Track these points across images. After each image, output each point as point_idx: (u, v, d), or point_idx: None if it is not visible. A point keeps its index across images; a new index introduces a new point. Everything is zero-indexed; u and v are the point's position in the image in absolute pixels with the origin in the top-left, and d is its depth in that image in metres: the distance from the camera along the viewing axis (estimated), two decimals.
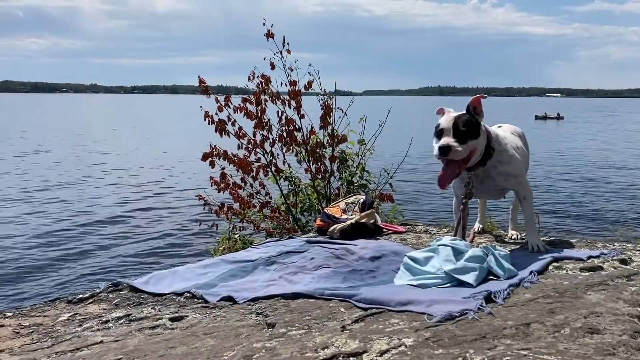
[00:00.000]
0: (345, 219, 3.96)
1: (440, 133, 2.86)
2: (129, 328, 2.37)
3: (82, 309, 2.99)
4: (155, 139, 33.53)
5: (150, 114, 77.93)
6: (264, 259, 3.47)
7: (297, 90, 6.05)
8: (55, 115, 71.54)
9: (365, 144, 6.21)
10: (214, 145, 5.91)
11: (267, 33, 5.99)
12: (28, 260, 8.30)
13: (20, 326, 2.73)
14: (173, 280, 3.28)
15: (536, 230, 3.17)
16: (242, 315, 2.31)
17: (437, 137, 2.87)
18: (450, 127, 2.84)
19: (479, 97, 2.98)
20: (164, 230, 10.32)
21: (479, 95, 2.99)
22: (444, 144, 2.80)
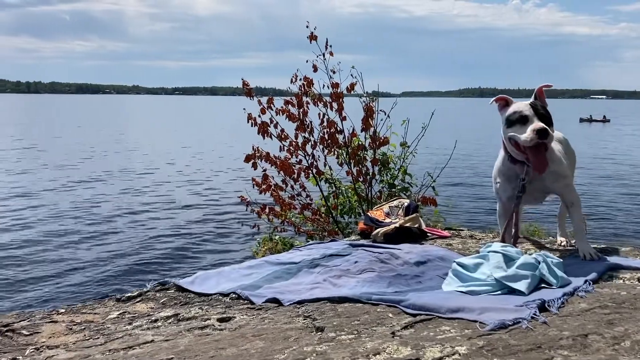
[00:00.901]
0: (389, 222, 3.93)
1: (523, 119, 2.77)
2: (178, 328, 2.40)
3: (130, 307, 3.05)
4: (198, 140, 33.99)
5: (191, 115, 79.11)
6: (308, 262, 3.46)
7: (339, 92, 6.04)
8: (99, 115, 73.40)
9: (408, 146, 6.16)
10: (257, 147, 5.95)
11: (310, 36, 6.01)
12: (76, 257, 8.53)
13: (73, 322, 2.80)
14: (219, 281, 3.31)
15: (586, 237, 3.07)
16: (289, 318, 2.32)
17: (520, 124, 2.78)
18: (533, 113, 2.76)
19: (544, 86, 2.91)
20: (206, 230, 10.46)
21: (545, 85, 2.92)
22: (541, 127, 2.70)
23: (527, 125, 2.74)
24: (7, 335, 2.59)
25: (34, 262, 8.35)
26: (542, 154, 2.77)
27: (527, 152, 2.78)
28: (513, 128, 2.82)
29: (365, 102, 6.03)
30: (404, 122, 6.11)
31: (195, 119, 66.92)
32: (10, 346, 2.44)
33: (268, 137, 5.96)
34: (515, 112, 2.81)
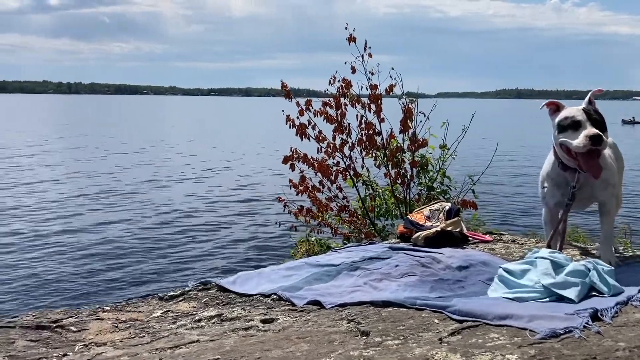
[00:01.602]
0: (430, 226, 3.89)
1: (576, 124, 2.71)
2: (222, 328, 2.42)
3: (173, 306, 3.09)
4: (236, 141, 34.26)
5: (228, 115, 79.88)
6: (348, 264, 3.45)
7: (377, 94, 6.01)
8: (138, 115, 74.82)
9: (448, 149, 6.09)
10: (295, 149, 5.97)
11: (350, 37, 6.00)
12: (117, 255, 8.70)
13: (118, 320, 2.85)
14: (259, 281, 3.32)
15: (612, 245, 2.98)
16: (333, 321, 2.31)
17: (572, 130, 2.72)
18: (586, 118, 2.70)
19: (597, 91, 2.85)
20: (243, 230, 10.54)
21: (597, 90, 2.85)
22: (595, 133, 2.64)
23: (579, 131, 2.68)
24: (56, 331, 2.65)
25: (77, 258, 8.56)
26: (595, 160, 2.69)
27: (579, 159, 2.71)
28: (565, 134, 2.75)
29: (404, 103, 5.98)
30: (444, 124, 6.04)
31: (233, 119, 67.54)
32: (59, 342, 2.51)
33: (306, 138, 5.97)
34: (567, 117, 2.75)
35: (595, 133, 2.63)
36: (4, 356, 2.26)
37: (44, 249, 9.11)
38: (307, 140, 6.04)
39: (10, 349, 2.37)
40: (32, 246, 9.30)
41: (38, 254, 8.81)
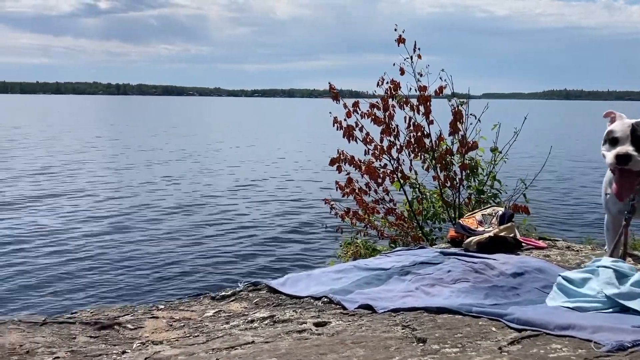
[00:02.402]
0: (482, 231, 3.81)
1: (614, 140, 2.66)
2: (275, 330, 2.43)
3: (225, 306, 3.12)
4: (282, 142, 34.47)
5: (273, 116, 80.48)
6: (398, 269, 3.42)
7: (426, 95, 5.94)
8: (185, 116, 76.22)
9: (500, 152, 5.96)
10: (342, 151, 5.96)
11: (399, 39, 5.95)
12: (167, 255, 8.87)
13: (172, 319, 2.90)
14: (309, 283, 3.33)
15: None
16: (387, 327, 2.28)
17: (609, 145, 2.67)
18: (627, 135, 2.62)
19: None
20: (289, 231, 10.59)
21: None
22: (623, 152, 2.60)
23: (615, 147, 2.65)
24: (114, 328, 2.72)
25: (129, 257, 8.76)
26: (624, 179, 2.66)
27: (615, 174, 2.68)
28: (605, 146, 2.73)
29: (455, 105, 5.89)
30: (495, 126, 5.92)
31: (276, 121, 68.00)
32: (117, 339, 2.57)
33: (353, 140, 5.96)
34: (611, 131, 2.72)
35: (622, 152, 2.60)
36: (66, 351, 2.33)
37: (97, 247, 9.38)
38: (354, 142, 6.02)
39: (72, 344, 2.44)
40: (85, 244, 9.58)
41: (92, 251, 9.08)
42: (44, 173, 18.61)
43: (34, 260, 8.49)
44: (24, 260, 8.49)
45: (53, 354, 2.30)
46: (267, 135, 40.68)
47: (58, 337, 2.55)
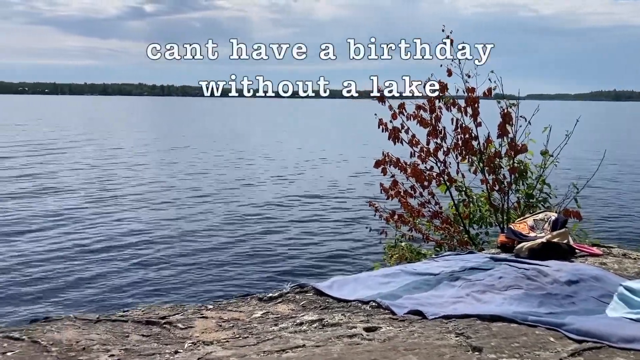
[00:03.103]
0: (534, 237, 3.71)
1: None
2: (325, 333, 2.41)
3: (272, 307, 3.12)
4: (323, 143, 34.45)
5: (313, 117, 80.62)
6: (447, 274, 3.36)
7: (474, 97, 5.83)
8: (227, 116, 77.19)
9: (551, 155, 5.80)
10: (387, 153, 5.91)
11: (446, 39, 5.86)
12: (212, 256, 8.97)
13: (222, 319, 2.92)
14: (356, 287, 3.30)
15: None
16: (440, 334, 2.24)
17: None
18: None
19: None
20: (333, 232, 10.57)
21: None
22: None
23: None
24: (164, 327, 2.76)
25: (178, 257, 8.89)
26: None
27: None
28: None
29: (504, 107, 5.75)
30: (546, 129, 5.75)
31: (317, 121, 68.02)
32: (169, 338, 2.60)
33: (399, 142, 5.89)
34: None
35: None
36: (120, 349, 2.38)
37: (145, 246, 9.56)
38: (399, 144, 5.96)
39: (126, 342, 2.49)
40: (134, 244, 9.78)
41: (140, 251, 9.26)
42: (99, 174, 19.06)
43: (86, 258, 8.73)
44: (77, 259, 8.74)
45: (108, 351, 2.35)
46: (309, 137, 40.67)
47: (112, 334, 2.60)
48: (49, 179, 18.02)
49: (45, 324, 2.73)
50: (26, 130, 42.84)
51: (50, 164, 21.90)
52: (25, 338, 2.50)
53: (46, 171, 19.75)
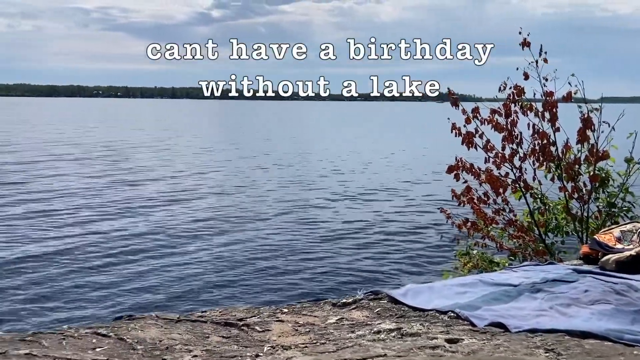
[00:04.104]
0: (622, 249, 3.51)
1: None
2: (405, 343, 2.37)
3: (346, 313, 3.10)
4: (391, 147, 34.08)
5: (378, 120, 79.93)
6: (528, 285, 3.24)
7: (553, 101, 5.61)
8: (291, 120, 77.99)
9: (637, 162, 5.49)
10: (460, 158, 5.77)
11: (523, 42, 5.67)
12: (283, 260, 9.01)
13: (297, 324, 2.93)
14: (431, 296, 3.24)
15: None
16: (528, 349, 2.15)
17: None
18: None
19: None
20: (403, 238, 10.40)
21: None
22: None
23: None
24: (242, 329, 2.79)
25: (248, 259, 9.01)
26: None
27: None
28: None
29: (584, 112, 5.50)
30: (631, 134, 5.45)
31: (383, 124, 67.35)
32: (247, 340, 2.63)
33: (473, 147, 5.74)
34: None
35: None
36: (201, 349, 2.42)
37: (215, 248, 9.74)
38: (473, 149, 5.81)
39: (206, 343, 2.53)
40: (204, 246, 9.98)
41: (212, 253, 9.45)
42: (172, 176, 19.57)
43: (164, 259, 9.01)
44: (153, 260, 9.04)
45: (190, 351, 2.39)
46: (375, 140, 40.18)
47: (193, 335, 2.66)
48: (133, 178, 18.70)
49: (129, 321, 2.82)
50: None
51: (137, 162, 22.70)
52: (112, 335, 2.59)
53: (141, 171, 20.43)
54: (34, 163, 22.83)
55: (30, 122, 59.89)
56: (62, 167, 21.85)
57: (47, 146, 30.59)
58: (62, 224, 11.62)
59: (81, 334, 2.60)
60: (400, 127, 60.86)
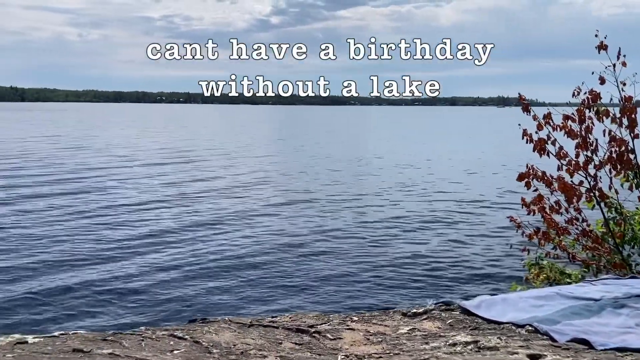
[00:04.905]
0: None
1: None
2: (484, 357, 2.30)
3: (418, 324, 3.05)
4: (455, 153, 33.37)
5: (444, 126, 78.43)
6: (610, 300, 3.08)
7: (632, 106, 5.33)
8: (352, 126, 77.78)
9: None
10: (531, 166, 5.58)
11: (600, 45, 5.43)
12: (351, 267, 8.91)
13: (368, 332, 2.89)
14: (505, 308, 3.14)
15: None
16: None
17: None
18: None
19: None
20: (469, 248, 10.09)
21: None
22: None
23: None
24: (314, 336, 2.78)
25: (318, 266, 8.95)
26: None
27: None
28: None
29: None
30: None
31: (447, 130, 65.89)
32: (319, 348, 2.61)
33: (545, 155, 5.53)
34: None
35: None
36: (275, 356, 2.42)
37: (286, 255, 9.74)
38: (545, 156, 5.60)
39: (280, 349, 2.54)
40: (274, 252, 10.01)
41: (280, 259, 9.48)
42: (247, 184, 19.65)
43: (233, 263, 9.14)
44: (221, 263, 9.19)
45: (264, 357, 2.40)
46: (441, 145, 39.16)
47: (266, 340, 2.67)
48: (208, 186, 18.97)
49: (204, 324, 2.87)
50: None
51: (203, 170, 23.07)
52: (188, 338, 2.63)
53: (206, 177, 20.73)
54: (119, 165, 23.59)
55: (122, 124, 62.34)
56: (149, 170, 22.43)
57: (129, 150, 31.45)
58: (138, 227, 11.92)
59: (158, 336, 2.67)
60: (462, 132, 59.54)
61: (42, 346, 2.47)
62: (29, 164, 23.48)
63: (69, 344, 2.49)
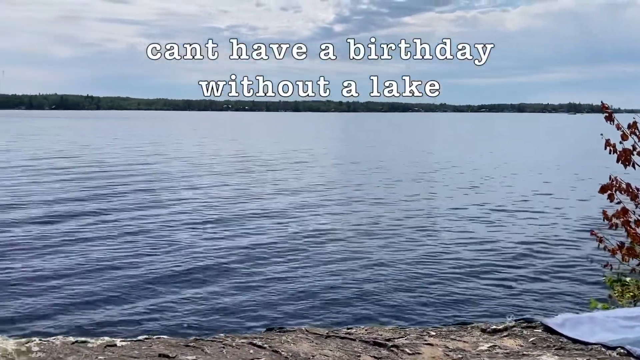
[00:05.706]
0: None
1: None
2: None
3: (498, 341, 2.95)
4: (526, 159, 32.28)
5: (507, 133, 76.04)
6: None
7: None
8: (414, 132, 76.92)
9: None
10: (615, 177, 5.31)
11: None
12: (425, 279, 8.75)
13: (447, 348, 2.83)
14: (593, 328, 3.00)
15: None
16: None
17: None
18: None
19: None
20: (545, 262, 9.63)
21: None
22: None
23: None
24: (392, 350, 2.74)
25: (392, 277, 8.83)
26: None
27: None
28: None
29: None
30: None
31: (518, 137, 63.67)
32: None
33: (630, 166, 5.25)
34: None
35: None
36: None
37: (358, 263, 9.69)
38: (630, 168, 5.32)
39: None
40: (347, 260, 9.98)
41: (352, 267, 9.45)
42: (319, 187, 19.64)
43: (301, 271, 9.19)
44: (294, 270, 9.24)
45: None
46: (514, 154, 37.82)
47: (344, 352, 2.66)
48: (280, 188, 19.09)
49: (281, 334, 2.89)
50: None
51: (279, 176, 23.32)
52: (267, 347, 2.66)
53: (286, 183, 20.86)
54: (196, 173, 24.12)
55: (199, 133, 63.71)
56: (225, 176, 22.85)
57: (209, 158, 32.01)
58: (212, 233, 12.13)
59: (238, 344, 2.71)
60: (534, 139, 57.38)
61: (130, 350, 2.57)
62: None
63: (154, 349, 2.57)
